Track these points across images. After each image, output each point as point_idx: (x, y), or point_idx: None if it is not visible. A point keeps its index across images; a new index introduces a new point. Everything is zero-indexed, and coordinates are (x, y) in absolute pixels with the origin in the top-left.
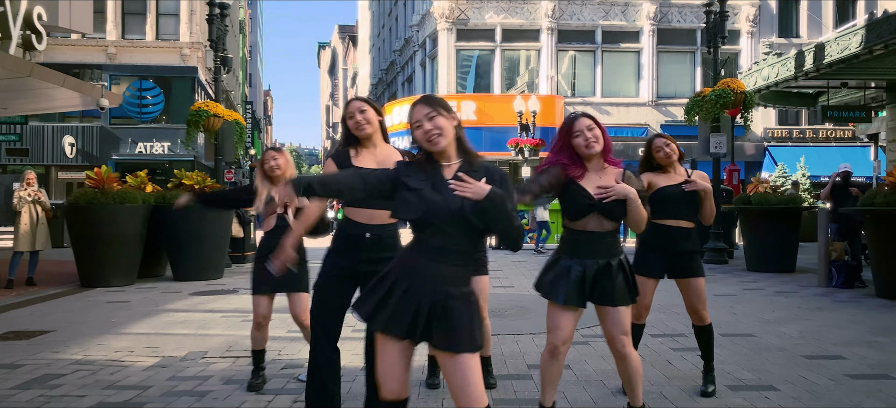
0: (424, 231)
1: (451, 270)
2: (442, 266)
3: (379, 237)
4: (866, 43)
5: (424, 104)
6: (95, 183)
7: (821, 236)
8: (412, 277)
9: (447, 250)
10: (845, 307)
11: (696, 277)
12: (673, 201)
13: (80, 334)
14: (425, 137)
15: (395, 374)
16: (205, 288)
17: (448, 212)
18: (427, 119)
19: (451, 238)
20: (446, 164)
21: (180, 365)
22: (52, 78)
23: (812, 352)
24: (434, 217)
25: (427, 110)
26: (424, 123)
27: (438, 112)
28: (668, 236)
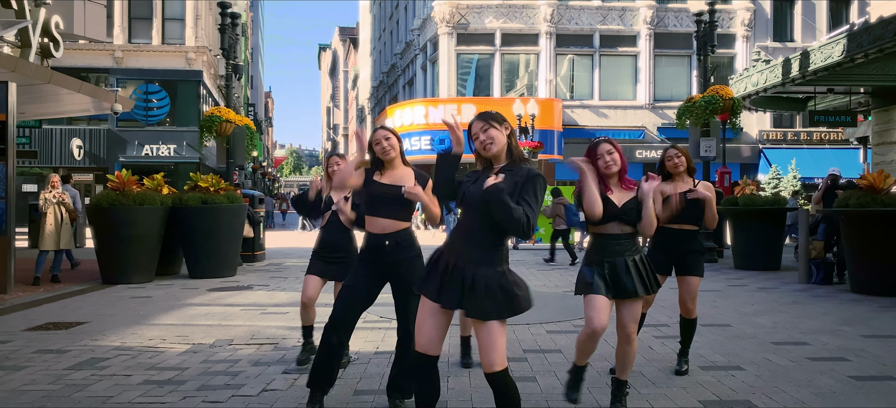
0: (464, 215)
1: (480, 251)
2: (473, 246)
3: (396, 242)
4: (848, 52)
5: (480, 119)
6: (116, 186)
7: (801, 236)
8: (450, 254)
9: (475, 232)
10: (820, 301)
11: (693, 276)
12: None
13: (113, 325)
14: (481, 145)
15: (426, 330)
16: (220, 285)
17: (473, 198)
18: (482, 131)
19: (476, 221)
20: (497, 166)
21: (210, 351)
22: (69, 84)
23: (780, 339)
24: (465, 200)
25: (482, 124)
26: (480, 134)
27: (491, 125)
28: (672, 238)
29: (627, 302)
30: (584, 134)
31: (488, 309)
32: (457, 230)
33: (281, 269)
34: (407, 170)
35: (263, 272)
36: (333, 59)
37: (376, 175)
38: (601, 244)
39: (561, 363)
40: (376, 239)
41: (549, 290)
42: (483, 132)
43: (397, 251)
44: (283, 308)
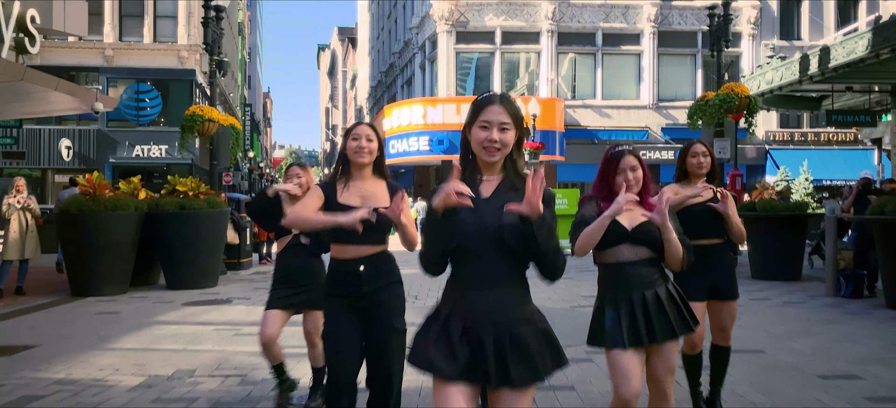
0: (461, 260)
1: (504, 294)
2: (493, 293)
3: (374, 266)
4: (873, 47)
5: (504, 109)
6: (86, 190)
7: (829, 245)
8: (465, 311)
9: (491, 276)
10: (856, 320)
11: (733, 300)
12: (702, 219)
13: (65, 350)
14: (485, 146)
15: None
16: (198, 297)
17: (483, 235)
18: (498, 129)
19: (490, 264)
20: (487, 178)
21: (166, 385)
22: (44, 81)
23: (826, 371)
24: (469, 241)
25: (500, 118)
26: (493, 131)
27: (507, 126)
28: (705, 256)
29: (660, 348)
30: (587, 134)
31: (541, 366)
32: (459, 279)
33: (267, 278)
34: (378, 182)
35: (247, 282)
36: (332, 60)
37: (339, 190)
38: (615, 275)
39: (574, 404)
40: (347, 267)
41: (555, 304)
42: (499, 130)
43: (376, 278)
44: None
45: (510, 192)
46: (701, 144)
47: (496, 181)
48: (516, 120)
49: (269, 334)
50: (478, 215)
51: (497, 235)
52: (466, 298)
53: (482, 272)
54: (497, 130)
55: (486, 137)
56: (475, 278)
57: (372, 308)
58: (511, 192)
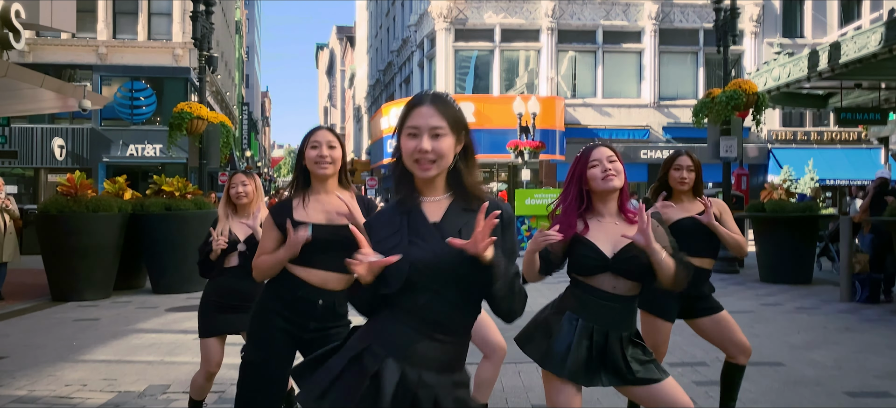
0: (405, 297)
1: (449, 349)
2: (438, 344)
3: (332, 305)
4: (886, 42)
5: (435, 110)
6: (68, 190)
7: (844, 248)
8: (401, 360)
9: (441, 323)
10: (876, 328)
11: (719, 312)
12: (688, 235)
13: (33, 362)
14: (417, 158)
15: None
16: (184, 302)
17: (436, 272)
18: (430, 135)
19: (442, 308)
20: (432, 199)
21: (136, 403)
22: (29, 78)
23: (853, 387)
24: (418, 277)
25: (434, 123)
26: (424, 140)
27: (441, 131)
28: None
29: (631, 389)
30: (587, 133)
31: None
32: (399, 317)
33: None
34: (345, 193)
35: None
36: (331, 58)
37: (298, 204)
38: (585, 302)
39: None
40: (307, 293)
41: None
42: (430, 137)
43: (330, 317)
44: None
45: (463, 214)
46: (688, 157)
47: (445, 201)
48: (454, 123)
49: (216, 361)
50: (429, 246)
51: (455, 271)
52: (407, 345)
53: (431, 317)
54: (428, 138)
55: (415, 146)
56: (420, 321)
57: (319, 341)
58: (464, 214)
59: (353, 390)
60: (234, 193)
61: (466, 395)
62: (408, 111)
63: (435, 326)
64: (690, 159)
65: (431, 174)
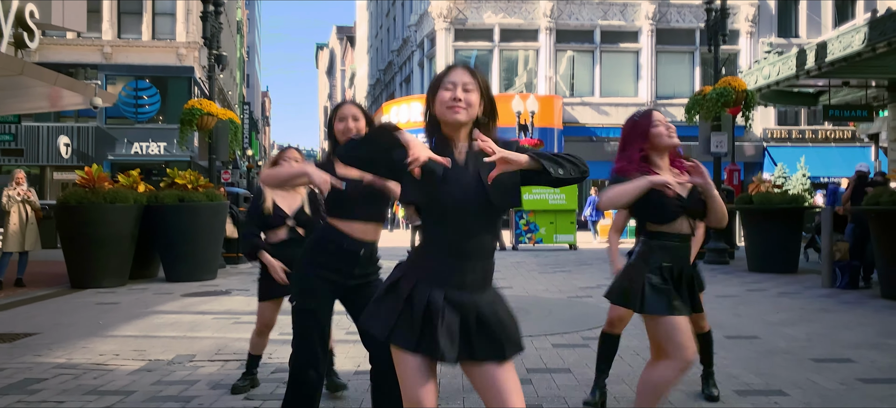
0: (440, 226)
1: (477, 272)
2: (466, 269)
3: (371, 253)
4: (869, 41)
5: (466, 71)
6: (86, 182)
7: (825, 237)
8: (433, 285)
9: (469, 248)
10: (852, 309)
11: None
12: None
13: (65, 337)
14: (452, 107)
15: (432, 392)
16: (197, 289)
17: (465, 203)
18: (463, 89)
19: (471, 231)
20: (455, 147)
21: (167, 369)
22: (43, 76)
23: (820, 355)
24: (453, 202)
25: (467, 80)
26: (459, 91)
27: (471, 87)
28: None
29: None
30: (585, 132)
31: (508, 345)
32: (434, 249)
33: None
34: None
35: (245, 275)
36: (331, 58)
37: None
38: (667, 248)
39: (570, 386)
40: (351, 245)
41: (552, 295)
42: (463, 90)
43: (369, 265)
44: None
45: (480, 155)
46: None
47: (463, 149)
48: (483, 86)
49: (269, 320)
50: (458, 183)
51: (480, 200)
52: (439, 269)
53: (461, 244)
54: (461, 90)
55: (450, 96)
56: (453, 249)
57: (364, 288)
58: (481, 155)
59: (392, 309)
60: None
61: (500, 303)
62: (446, 72)
63: (460, 253)
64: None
65: (460, 117)
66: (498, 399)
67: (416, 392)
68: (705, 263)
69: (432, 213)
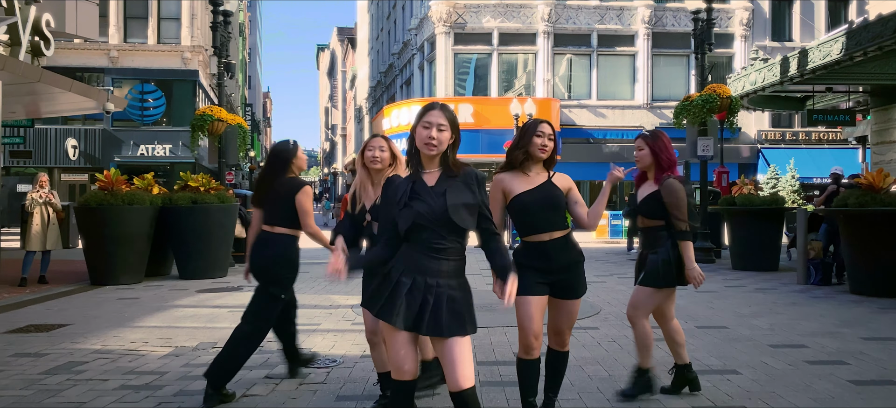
0: (417, 235)
1: (448, 264)
2: (439, 261)
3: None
4: (847, 50)
5: (442, 114)
6: (105, 185)
7: (800, 236)
8: (416, 272)
9: (440, 247)
10: (819, 303)
11: (573, 299)
12: (537, 209)
13: (96, 328)
14: (423, 141)
15: (411, 358)
16: (210, 286)
17: (433, 218)
18: (437, 128)
19: (439, 239)
20: (429, 170)
21: (193, 354)
22: (60, 83)
23: (777, 341)
24: (423, 221)
25: (441, 121)
26: (433, 130)
27: (446, 127)
28: (543, 254)
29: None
30: (582, 134)
31: (466, 323)
32: (416, 248)
33: None
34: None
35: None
36: (332, 60)
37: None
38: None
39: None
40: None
41: None
42: (437, 130)
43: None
44: None
45: (448, 180)
46: (544, 124)
47: (436, 173)
48: (452, 124)
49: (371, 326)
50: (427, 202)
51: (445, 216)
52: (419, 262)
53: (433, 245)
54: (436, 130)
55: (426, 134)
56: (427, 248)
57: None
58: (449, 180)
59: (382, 291)
60: (370, 156)
61: (461, 294)
62: (424, 112)
63: (435, 250)
64: (547, 126)
65: (433, 153)
66: (450, 368)
67: (397, 356)
68: None
69: (410, 225)
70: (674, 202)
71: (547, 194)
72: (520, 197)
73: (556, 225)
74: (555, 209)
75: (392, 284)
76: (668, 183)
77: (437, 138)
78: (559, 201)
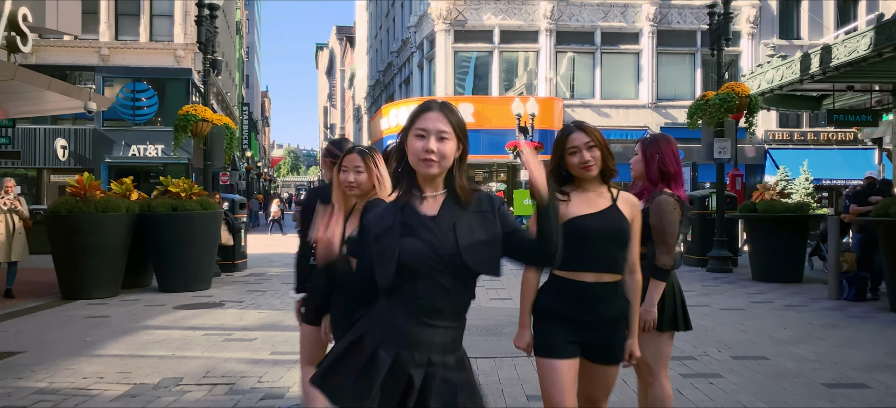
0: (404, 286)
1: (445, 334)
2: (434, 329)
3: None
4: (875, 45)
5: (443, 116)
6: (77, 191)
7: (832, 247)
8: (399, 343)
9: (437, 308)
10: (861, 325)
11: (612, 365)
12: (599, 240)
13: (50, 356)
14: (418, 155)
15: None
16: (190, 300)
17: (433, 260)
18: (437, 137)
19: (438, 296)
20: (429, 194)
21: (152, 395)
22: (36, 81)
23: (831, 378)
24: (416, 265)
25: (442, 127)
26: (431, 140)
27: (450, 135)
28: (582, 299)
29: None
30: None
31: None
32: (398, 305)
33: (261, 279)
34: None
35: (241, 284)
36: (330, 59)
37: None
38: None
39: None
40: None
41: None
42: (437, 140)
43: None
44: (252, 333)
45: (457, 208)
46: (581, 132)
47: (440, 198)
48: (458, 130)
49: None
50: (426, 237)
51: (452, 260)
52: (405, 330)
53: (428, 304)
54: (434, 140)
55: (422, 146)
56: (418, 309)
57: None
58: (457, 208)
59: (351, 369)
60: (344, 181)
61: (459, 376)
62: (417, 114)
63: (430, 312)
64: (589, 132)
65: (434, 172)
66: None
67: None
68: (708, 271)
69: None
70: (659, 227)
71: (613, 224)
72: (580, 221)
73: (612, 266)
74: (620, 245)
75: (364, 359)
76: (658, 200)
77: (437, 152)
78: (625, 235)
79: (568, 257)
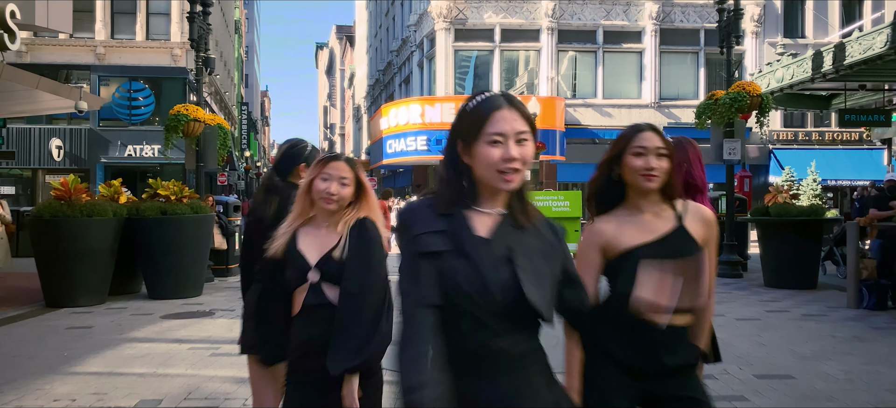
0: (454, 332)
1: (524, 377)
2: (510, 377)
3: None
4: (892, 43)
5: (517, 113)
6: (61, 194)
7: (851, 253)
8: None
9: (504, 353)
10: (885, 337)
11: None
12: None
13: (22, 374)
14: (496, 167)
15: None
16: (180, 309)
17: (489, 296)
18: (516, 140)
19: (501, 335)
20: (483, 210)
21: None
22: (25, 79)
23: (866, 403)
24: (467, 305)
25: (520, 127)
26: (511, 145)
27: (528, 135)
28: (645, 344)
29: None
30: (587, 134)
31: None
32: (458, 362)
33: None
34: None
35: (233, 290)
36: (330, 58)
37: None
38: None
39: None
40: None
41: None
42: (517, 144)
43: None
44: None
45: (514, 231)
46: (647, 132)
47: (495, 216)
48: (533, 126)
49: None
50: (478, 267)
51: (514, 294)
52: (471, 389)
53: (491, 348)
54: (514, 144)
55: (501, 155)
56: (480, 358)
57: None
58: (515, 231)
59: None
60: (324, 190)
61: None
62: (485, 115)
63: (492, 360)
64: (658, 135)
65: (515, 185)
66: None
67: None
68: (719, 276)
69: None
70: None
71: (681, 251)
72: (637, 253)
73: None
74: (691, 277)
75: None
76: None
77: (520, 158)
78: (699, 265)
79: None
